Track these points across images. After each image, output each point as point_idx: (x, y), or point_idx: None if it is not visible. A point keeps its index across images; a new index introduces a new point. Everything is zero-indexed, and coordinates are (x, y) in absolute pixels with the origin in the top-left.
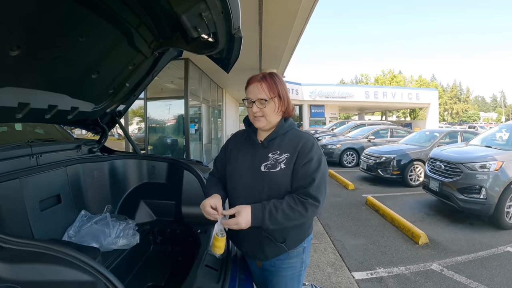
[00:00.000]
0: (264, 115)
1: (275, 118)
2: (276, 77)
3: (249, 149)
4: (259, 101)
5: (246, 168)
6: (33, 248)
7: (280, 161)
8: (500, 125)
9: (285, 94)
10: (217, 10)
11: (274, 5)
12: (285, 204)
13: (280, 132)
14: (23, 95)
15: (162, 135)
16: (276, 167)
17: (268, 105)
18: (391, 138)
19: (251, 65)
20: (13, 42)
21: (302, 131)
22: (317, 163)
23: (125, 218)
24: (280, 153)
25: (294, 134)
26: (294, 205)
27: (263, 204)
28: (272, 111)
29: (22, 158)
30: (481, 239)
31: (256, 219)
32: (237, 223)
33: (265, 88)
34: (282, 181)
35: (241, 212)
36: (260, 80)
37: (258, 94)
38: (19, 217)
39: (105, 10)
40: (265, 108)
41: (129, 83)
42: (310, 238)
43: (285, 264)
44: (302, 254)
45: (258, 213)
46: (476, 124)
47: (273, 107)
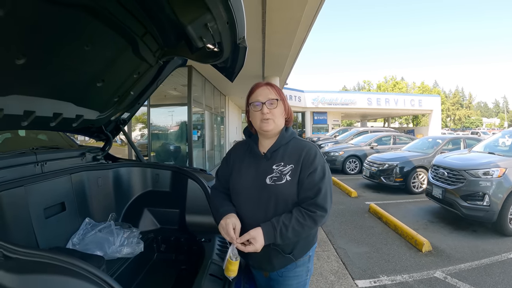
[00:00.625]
0: (273, 117)
1: (281, 123)
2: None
3: (251, 161)
4: (270, 101)
5: (250, 181)
6: (40, 258)
7: (285, 172)
8: (503, 131)
9: (287, 102)
10: (223, 20)
11: (277, 14)
12: (294, 221)
13: (283, 142)
14: (29, 103)
15: (165, 142)
16: (282, 179)
17: (278, 106)
18: (393, 145)
19: (254, 72)
20: (19, 51)
21: (304, 139)
22: (322, 172)
23: (129, 226)
24: (284, 164)
25: (296, 144)
26: (303, 221)
27: (272, 224)
28: (280, 113)
29: (27, 165)
30: (484, 246)
31: (269, 240)
32: (255, 249)
33: (273, 91)
34: (289, 193)
35: (256, 238)
36: (268, 84)
37: (268, 95)
38: (24, 225)
39: (110, 19)
40: (275, 108)
41: (134, 91)
42: (315, 247)
43: (292, 273)
44: (308, 263)
45: (270, 234)
46: (478, 130)
47: (282, 109)
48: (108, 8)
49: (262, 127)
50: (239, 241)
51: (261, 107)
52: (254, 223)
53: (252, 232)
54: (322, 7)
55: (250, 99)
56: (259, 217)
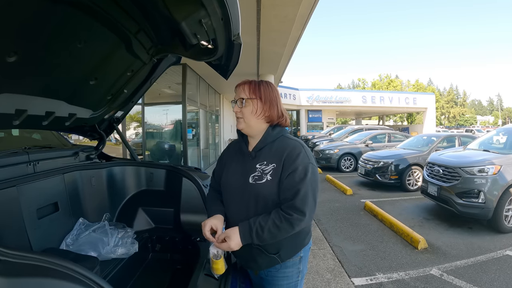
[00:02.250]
0: (243, 116)
1: (254, 122)
2: (264, 83)
3: (239, 160)
4: (239, 100)
5: (236, 180)
6: (31, 261)
7: (267, 172)
8: (497, 128)
9: (269, 100)
10: (217, 17)
11: (272, 12)
12: (270, 223)
13: (268, 140)
14: (20, 101)
15: (159, 141)
16: (263, 179)
17: (247, 105)
18: (388, 143)
19: (248, 70)
20: (11, 48)
21: (291, 138)
22: (303, 172)
23: (124, 226)
24: (266, 163)
25: (282, 142)
26: (279, 223)
27: (249, 224)
28: (250, 112)
29: (19, 165)
30: (480, 243)
31: (245, 239)
32: (228, 247)
33: (247, 90)
34: (269, 193)
35: (230, 236)
36: (245, 82)
37: (240, 93)
38: (16, 225)
39: (103, 16)
40: (243, 108)
41: (127, 90)
42: (308, 248)
43: (280, 274)
44: (299, 264)
45: (246, 234)
46: (473, 128)
47: (251, 109)
48: (100, 5)
49: (236, 125)
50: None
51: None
52: (238, 222)
53: (228, 231)
54: (317, 6)
55: None
56: (242, 216)
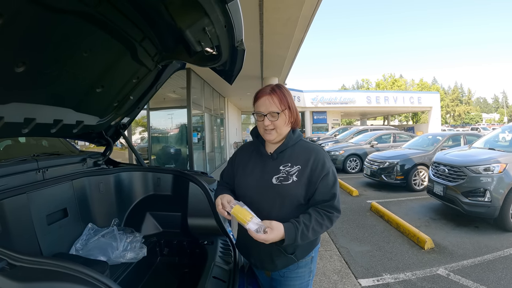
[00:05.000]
0: (275, 128)
1: (285, 130)
2: (284, 89)
3: (257, 161)
4: (271, 114)
5: (255, 181)
6: (45, 266)
7: (292, 173)
8: (503, 126)
9: (294, 105)
10: (220, 24)
11: (274, 15)
12: (314, 222)
13: (290, 143)
14: (29, 110)
15: (165, 145)
16: (288, 180)
17: (280, 118)
18: (394, 143)
19: (252, 73)
20: (19, 59)
21: (310, 142)
22: (334, 176)
23: (132, 230)
24: (291, 165)
25: (304, 146)
26: (322, 221)
27: (293, 223)
28: (283, 124)
29: (28, 172)
30: (486, 242)
31: (289, 238)
32: (265, 239)
33: (276, 101)
34: (295, 193)
35: (273, 229)
36: (270, 93)
37: (269, 107)
38: (27, 232)
39: (108, 25)
40: (277, 121)
41: (133, 96)
42: (317, 248)
43: (294, 274)
44: (310, 264)
45: (291, 232)
46: (478, 126)
47: (284, 120)
48: (106, 15)
49: (265, 137)
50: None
51: (263, 118)
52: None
53: (274, 223)
54: (319, 9)
55: (255, 107)
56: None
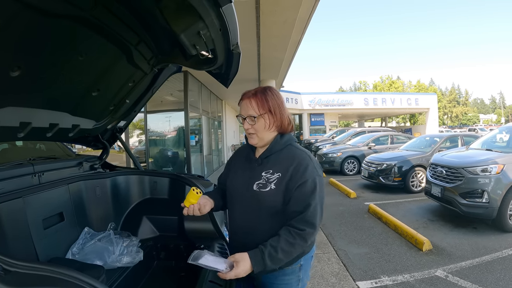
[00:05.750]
0: (255, 132)
1: (268, 135)
2: (269, 92)
3: (246, 166)
4: (249, 118)
5: (241, 186)
6: (39, 271)
7: (271, 181)
8: (500, 127)
9: (279, 109)
10: (215, 28)
11: (271, 17)
12: (283, 242)
13: (275, 149)
14: (25, 114)
15: (162, 148)
16: (267, 187)
17: (258, 122)
18: (391, 145)
19: (250, 76)
20: (14, 63)
21: (299, 148)
22: (313, 185)
23: (128, 234)
24: (272, 172)
25: (290, 152)
26: (293, 240)
27: (260, 248)
28: (263, 128)
29: (24, 176)
30: (485, 243)
31: (258, 265)
32: (236, 275)
33: (255, 105)
34: (271, 202)
35: (239, 262)
36: (250, 96)
37: (248, 110)
38: (23, 236)
39: (104, 29)
40: (255, 125)
41: (129, 100)
42: (309, 256)
43: (279, 281)
44: (299, 272)
45: (257, 259)
46: (476, 127)
47: (263, 124)
48: (101, 19)
49: (248, 140)
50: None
51: (243, 121)
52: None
53: (237, 255)
54: (316, 10)
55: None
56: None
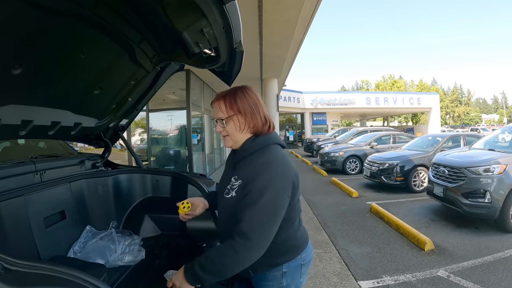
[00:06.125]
0: (228, 134)
1: (241, 137)
2: (239, 92)
3: (227, 169)
4: (219, 120)
5: (220, 189)
6: (40, 270)
7: (234, 187)
8: (502, 127)
9: (250, 110)
10: (218, 25)
11: (273, 16)
12: (214, 252)
13: (246, 153)
14: (26, 112)
15: (164, 146)
16: (229, 194)
17: (228, 124)
18: (393, 144)
19: (252, 75)
20: (15, 61)
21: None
22: (258, 194)
23: (130, 233)
24: (237, 178)
25: (256, 157)
26: (223, 249)
27: (196, 259)
28: (234, 130)
29: (26, 175)
30: (487, 243)
31: (188, 275)
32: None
33: (223, 107)
34: (231, 209)
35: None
36: (219, 98)
37: (217, 113)
38: (24, 234)
39: (106, 27)
40: (226, 127)
41: (132, 98)
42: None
43: (261, 285)
44: (281, 279)
45: (189, 268)
46: (478, 127)
47: (233, 126)
48: (103, 17)
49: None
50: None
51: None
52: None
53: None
54: (318, 10)
55: None
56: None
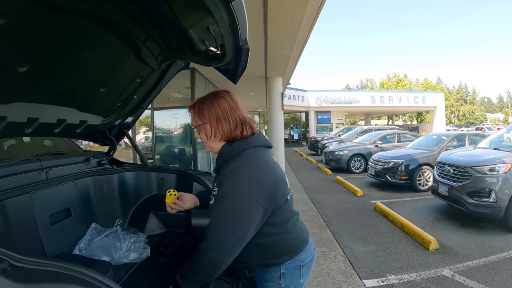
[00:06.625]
0: (204, 141)
1: (215, 144)
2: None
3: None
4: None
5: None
6: (46, 267)
7: (214, 194)
8: (508, 126)
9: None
10: (225, 23)
11: (278, 14)
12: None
13: (223, 159)
14: (32, 110)
15: (169, 145)
16: (211, 200)
17: (200, 132)
18: (398, 143)
19: (257, 73)
20: (21, 58)
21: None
22: (222, 196)
23: (136, 230)
24: (216, 185)
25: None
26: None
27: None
28: (206, 138)
29: (32, 172)
30: (492, 243)
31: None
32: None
33: (194, 116)
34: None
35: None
36: (191, 106)
37: (192, 121)
38: (30, 232)
39: (112, 25)
40: (201, 133)
41: (137, 96)
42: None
43: (261, 285)
44: (279, 280)
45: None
46: (483, 126)
47: (205, 134)
48: (109, 14)
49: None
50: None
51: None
52: None
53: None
54: (323, 8)
55: None
56: None
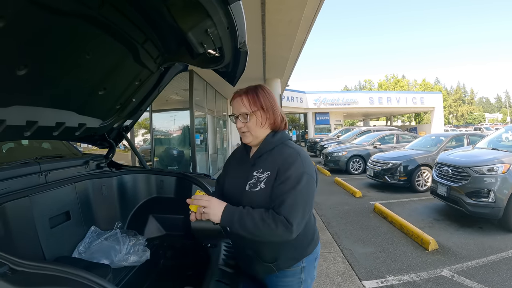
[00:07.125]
0: (249, 130)
1: (261, 132)
2: (260, 89)
3: (240, 167)
4: (242, 115)
5: (235, 187)
6: (46, 271)
7: (261, 180)
8: (506, 126)
9: (271, 106)
10: (223, 26)
11: (276, 16)
12: (257, 213)
13: (267, 148)
14: (31, 113)
15: (168, 147)
16: (257, 187)
17: (251, 119)
18: (397, 144)
19: (255, 75)
20: (20, 62)
21: (291, 146)
22: (294, 182)
23: (135, 233)
24: (262, 171)
25: (281, 150)
26: (266, 217)
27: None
28: (255, 125)
29: (31, 175)
30: (491, 243)
31: (225, 218)
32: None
33: (246, 102)
34: (262, 202)
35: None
36: (242, 94)
37: (240, 108)
38: (30, 235)
39: (110, 28)
40: (248, 123)
41: (136, 98)
42: (313, 258)
43: (280, 282)
44: (300, 274)
45: (230, 210)
46: (481, 126)
47: (255, 121)
48: (108, 17)
49: (242, 139)
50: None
51: (236, 120)
52: None
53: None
54: (321, 10)
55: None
56: None
